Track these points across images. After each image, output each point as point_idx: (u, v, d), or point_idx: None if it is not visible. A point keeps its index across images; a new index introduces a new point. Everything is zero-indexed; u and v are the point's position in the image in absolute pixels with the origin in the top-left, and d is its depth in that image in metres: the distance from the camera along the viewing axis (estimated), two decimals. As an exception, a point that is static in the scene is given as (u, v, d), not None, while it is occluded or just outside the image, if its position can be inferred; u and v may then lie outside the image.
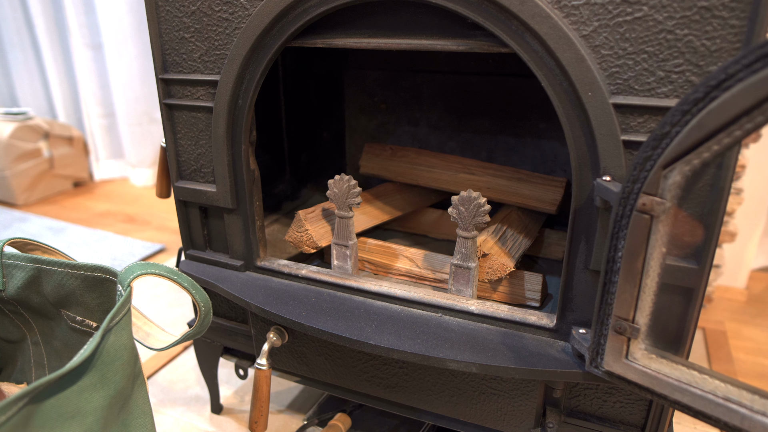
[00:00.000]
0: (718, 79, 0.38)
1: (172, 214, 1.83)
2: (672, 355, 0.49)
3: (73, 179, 2.15)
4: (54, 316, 0.56)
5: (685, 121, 0.41)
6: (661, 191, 0.44)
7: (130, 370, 0.47)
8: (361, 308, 0.69)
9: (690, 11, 0.46)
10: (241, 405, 0.95)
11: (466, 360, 0.59)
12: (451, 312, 0.66)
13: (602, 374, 0.53)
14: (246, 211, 0.73)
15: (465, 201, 0.65)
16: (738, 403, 0.44)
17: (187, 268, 0.79)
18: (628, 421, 0.62)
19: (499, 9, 0.52)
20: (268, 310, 0.68)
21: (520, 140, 0.94)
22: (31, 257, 0.54)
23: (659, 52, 0.48)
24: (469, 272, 0.67)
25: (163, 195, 0.87)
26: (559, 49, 0.50)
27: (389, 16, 0.59)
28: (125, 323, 0.46)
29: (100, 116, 2.17)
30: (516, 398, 0.64)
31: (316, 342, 0.74)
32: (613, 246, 0.48)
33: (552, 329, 0.61)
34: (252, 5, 0.62)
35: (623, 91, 0.50)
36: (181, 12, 0.67)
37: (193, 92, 0.70)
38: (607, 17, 0.49)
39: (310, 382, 0.80)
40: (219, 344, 0.86)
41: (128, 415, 0.47)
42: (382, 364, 0.70)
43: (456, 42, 0.57)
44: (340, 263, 0.75)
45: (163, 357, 1.07)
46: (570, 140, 0.53)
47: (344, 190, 0.71)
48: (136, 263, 0.50)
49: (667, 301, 0.52)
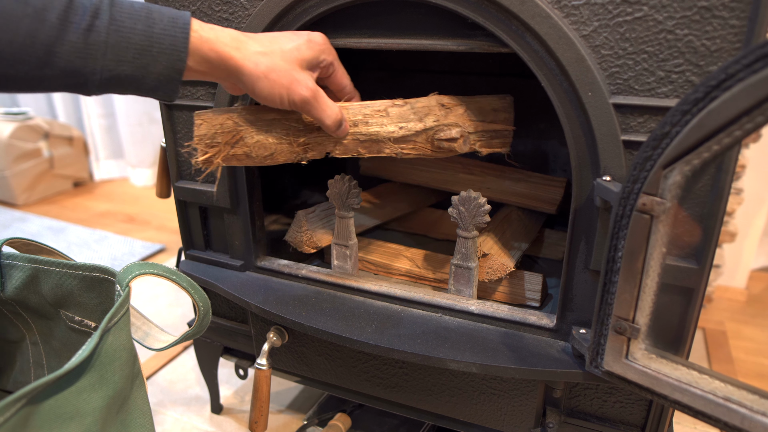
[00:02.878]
0: (718, 79, 0.38)
1: (172, 214, 1.83)
2: (672, 355, 0.49)
3: (73, 179, 2.15)
4: (53, 316, 0.56)
5: (685, 121, 0.40)
6: (661, 191, 0.44)
7: (129, 371, 0.47)
8: (361, 308, 0.69)
9: (690, 11, 0.46)
10: (241, 405, 0.95)
11: (466, 360, 0.59)
12: (451, 312, 0.66)
13: (602, 374, 0.53)
14: (246, 211, 0.73)
15: (465, 201, 0.65)
16: (738, 403, 0.44)
17: (187, 268, 0.79)
18: (628, 421, 0.62)
19: (499, 9, 0.52)
20: (268, 310, 0.68)
21: (520, 140, 0.94)
22: (30, 257, 0.54)
23: (659, 52, 0.48)
24: (469, 272, 0.67)
25: (163, 195, 0.87)
26: (559, 49, 0.50)
27: (389, 16, 0.59)
28: (124, 323, 0.46)
29: (100, 116, 2.17)
30: (516, 398, 0.64)
31: (316, 342, 0.73)
32: (613, 246, 0.48)
33: (552, 329, 0.61)
34: (252, 5, 0.62)
35: (623, 91, 0.50)
36: (181, 12, 0.67)
37: (193, 92, 0.70)
38: (607, 17, 0.49)
39: (310, 382, 0.80)
40: (219, 344, 0.86)
41: (127, 416, 0.47)
42: (382, 364, 0.70)
43: (456, 42, 0.57)
44: (340, 263, 0.75)
45: (163, 357, 1.07)
46: (570, 140, 0.53)
47: (344, 190, 0.71)
48: (134, 263, 0.50)
49: (667, 301, 0.52)
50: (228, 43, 0.49)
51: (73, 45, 0.43)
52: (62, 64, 0.43)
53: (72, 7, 0.42)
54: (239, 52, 0.49)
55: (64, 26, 0.42)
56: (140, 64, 0.45)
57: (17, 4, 0.40)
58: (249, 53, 0.50)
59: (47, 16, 0.41)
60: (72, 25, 0.42)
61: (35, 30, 0.41)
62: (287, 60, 0.51)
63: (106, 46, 0.44)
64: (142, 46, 0.45)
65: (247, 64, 0.49)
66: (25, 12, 0.41)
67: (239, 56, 0.49)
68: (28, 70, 0.42)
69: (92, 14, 0.43)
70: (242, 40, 0.50)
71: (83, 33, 0.43)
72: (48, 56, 0.42)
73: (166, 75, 0.47)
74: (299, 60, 0.52)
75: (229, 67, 0.49)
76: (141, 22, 0.45)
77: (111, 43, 0.44)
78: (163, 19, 0.46)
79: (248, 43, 0.50)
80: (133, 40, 0.45)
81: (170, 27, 0.46)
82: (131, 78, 0.46)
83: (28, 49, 0.41)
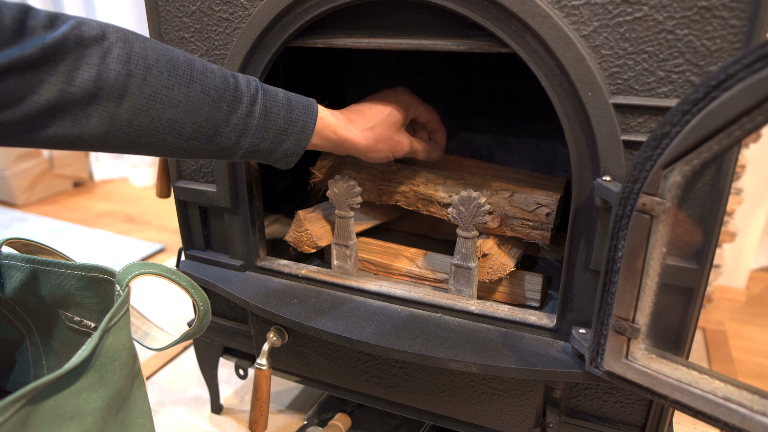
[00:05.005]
0: (718, 79, 0.38)
1: (172, 214, 1.83)
2: (672, 355, 0.49)
3: (73, 179, 2.15)
4: (52, 316, 0.55)
5: (685, 121, 0.40)
6: (661, 191, 0.44)
7: (129, 371, 0.47)
8: (361, 308, 0.69)
9: (690, 11, 0.46)
10: (241, 405, 0.95)
11: (466, 360, 0.59)
12: (451, 312, 0.66)
13: (602, 374, 0.53)
14: (246, 211, 0.73)
15: (465, 201, 0.65)
16: (738, 403, 0.44)
17: (187, 268, 0.79)
18: (628, 421, 0.62)
19: (499, 9, 0.52)
20: (268, 310, 0.68)
21: (520, 140, 0.94)
22: (29, 257, 0.54)
23: (659, 52, 0.48)
24: (469, 272, 0.67)
25: (163, 195, 0.87)
26: (559, 49, 0.50)
27: (389, 16, 0.59)
28: (123, 323, 0.46)
29: (100, 116, 2.16)
30: (516, 398, 0.64)
31: (316, 342, 0.73)
32: (613, 246, 0.48)
33: (552, 329, 0.61)
34: (252, 5, 0.62)
35: (623, 91, 0.50)
36: (181, 12, 0.67)
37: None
38: (608, 17, 0.49)
39: (310, 382, 0.80)
40: (219, 344, 0.86)
41: (127, 416, 0.47)
42: (382, 364, 0.70)
43: (456, 42, 0.57)
44: (340, 263, 0.75)
45: (163, 357, 1.07)
46: (570, 140, 0.53)
47: (344, 190, 0.71)
48: (134, 263, 0.50)
49: (667, 301, 0.52)
50: (344, 126, 0.60)
51: (235, 126, 0.52)
52: (222, 141, 0.52)
53: (238, 96, 0.52)
54: (352, 132, 0.61)
55: (231, 111, 0.52)
56: (277, 141, 0.55)
57: (202, 95, 0.49)
58: (359, 130, 0.61)
59: (221, 104, 0.51)
60: (237, 111, 0.52)
61: (212, 116, 0.50)
62: (387, 127, 0.64)
63: (257, 128, 0.53)
64: (281, 128, 0.55)
65: (360, 140, 0.61)
66: (205, 101, 0.50)
67: (353, 135, 0.61)
68: (197, 144, 0.51)
69: (250, 101, 0.53)
70: (353, 120, 0.62)
71: (244, 117, 0.52)
72: (215, 135, 0.52)
73: (292, 150, 0.57)
74: (395, 124, 0.65)
75: (345, 144, 0.61)
76: (283, 108, 0.55)
77: (260, 125, 0.54)
78: (299, 107, 0.56)
79: (357, 122, 0.62)
80: (277, 123, 0.54)
81: (303, 114, 0.56)
82: (266, 150, 0.55)
83: (203, 130, 0.51)
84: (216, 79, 0.51)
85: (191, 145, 0.51)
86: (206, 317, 0.53)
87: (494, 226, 0.71)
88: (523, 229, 0.70)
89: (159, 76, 0.46)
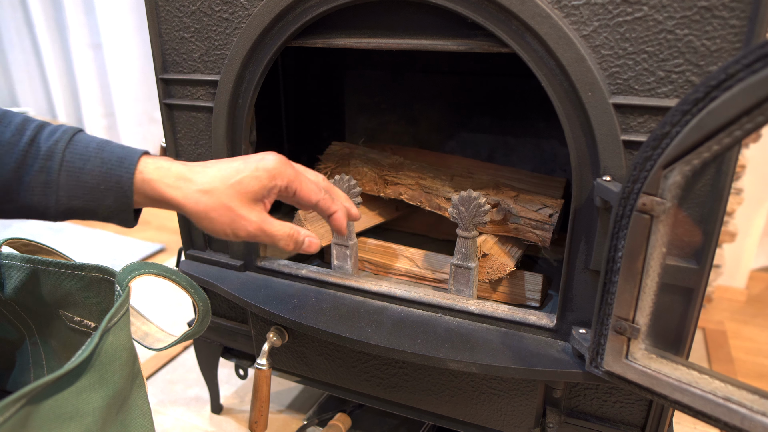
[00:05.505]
0: (718, 79, 0.38)
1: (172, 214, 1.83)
2: (672, 355, 0.49)
3: (73, 179, 2.15)
4: (52, 316, 0.55)
5: (685, 121, 0.40)
6: (661, 191, 0.44)
7: (129, 371, 0.47)
8: (361, 308, 0.69)
9: (690, 11, 0.46)
10: (241, 405, 0.95)
11: (466, 360, 0.59)
12: (451, 312, 0.66)
13: (602, 374, 0.53)
14: (245, 211, 0.73)
15: (465, 201, 0.65)
16: (738, 403, 0.44)
17: (187, 268, 0.79)
18: (628, 421, 0.62)
19: (499, 9, 0.52)
20: (268, 310, 0.68)
21: (520, 140, 0.94)
22: (28, 257, 0.54)
23: (659, 52, 0.48)
24: (469, 272, 0.67)
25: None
26: (559, 49, 0.50)
27: (389, 16, 0.59)
28: (123, 323, 0.46)
29: (100, 116, 2.16)
30: (516, 398, 0.64)
31: (316, 342, 0.73)
32: (613, 246, 0.48)
33: (552, 329, 0.61)
34: (252, 5, 0.62)
35: (623, 91, 0.50)
36: (181, 12, 0.67)
37: (193, 92, 0.70)
38: (608, 17, 0.49)
39: (310, 382, 0.80)
40: (219, 344, 0.86)
41: (127, 416, 0.47)
42: (382, 364, 0.70)
43: (456, 42, 0.57)
44: (340, 263, 0.75)
45: (163, 357, 1.07)
46: (570, 140, 0.53)
47: (344, 190, 0.71)
48: (134, 263, 0.50)
49: (667, 301, 0.52)
50: (171, 183, 0.51)
51: (31, 184, 0.48)
52: (22, 201, 0.48)
53: (30, 152, 0.47)
54: (180, 191, 0.51)
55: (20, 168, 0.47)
56: (90, 198, 0.49)
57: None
58: (190, 192, 0.51)
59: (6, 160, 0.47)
60: (30, 167, 0.47)
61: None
62: (230, 196, 0.51)
63: (57, 185, 0.48)
64: (90, 185, 0.49)
65: (188, 203, 0.51)
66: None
67: (180, 196, 0.51)
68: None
69: (46, 157, 0.48)
70: (186, 178, 0.51)
71: (36, 174, 0.48)
72: (8, 194, 0.48)
73: (116, 208, 0.50)
74: (242, 194, 0.52)
75: (171, 205, 0.51)
76: (91, 162, 0.49)
77: (62, 183, 0.48)
78: (112, 159, 0.50)
79: (191, 181, 0.51)
80: (82, 179, 0.49)
81: (117, 167, 0.49)
82: (85, 209, 0.50)
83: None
84: (6, 133, 0.47)
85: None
86: (206, 317, 0.53)
87: (499, 218, 0.71)
88: (525, 228, 0.70)
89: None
